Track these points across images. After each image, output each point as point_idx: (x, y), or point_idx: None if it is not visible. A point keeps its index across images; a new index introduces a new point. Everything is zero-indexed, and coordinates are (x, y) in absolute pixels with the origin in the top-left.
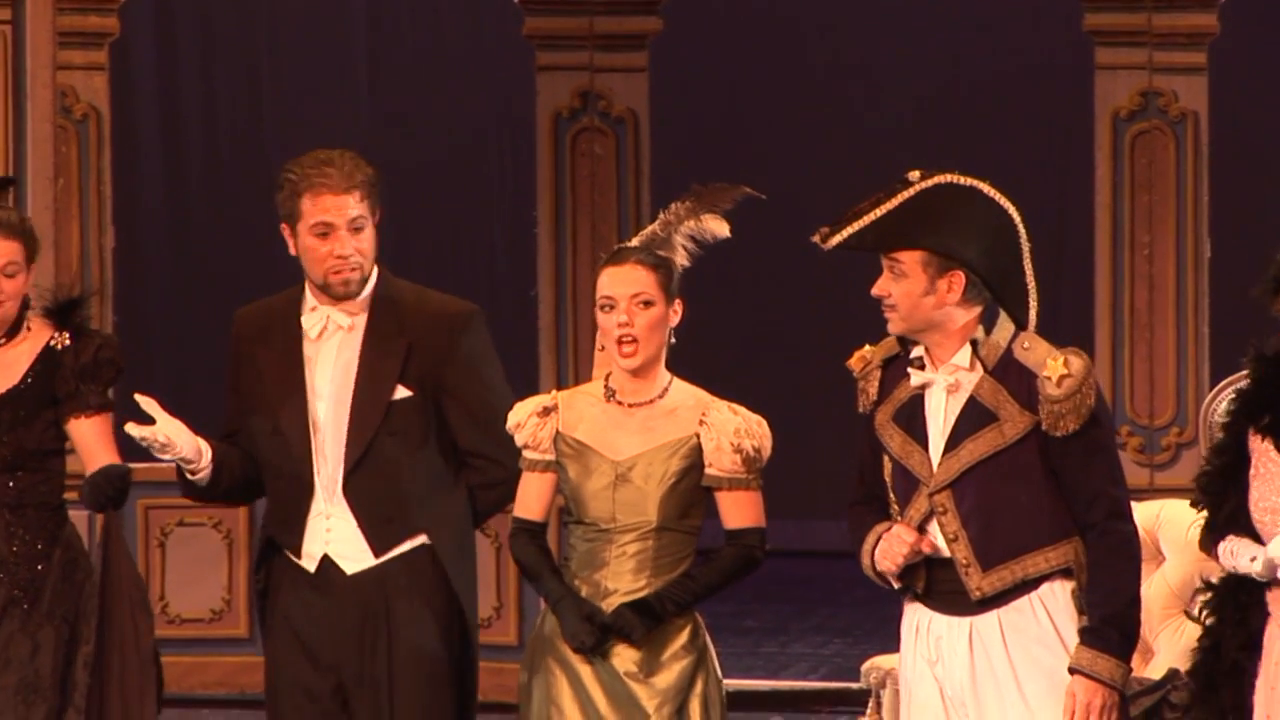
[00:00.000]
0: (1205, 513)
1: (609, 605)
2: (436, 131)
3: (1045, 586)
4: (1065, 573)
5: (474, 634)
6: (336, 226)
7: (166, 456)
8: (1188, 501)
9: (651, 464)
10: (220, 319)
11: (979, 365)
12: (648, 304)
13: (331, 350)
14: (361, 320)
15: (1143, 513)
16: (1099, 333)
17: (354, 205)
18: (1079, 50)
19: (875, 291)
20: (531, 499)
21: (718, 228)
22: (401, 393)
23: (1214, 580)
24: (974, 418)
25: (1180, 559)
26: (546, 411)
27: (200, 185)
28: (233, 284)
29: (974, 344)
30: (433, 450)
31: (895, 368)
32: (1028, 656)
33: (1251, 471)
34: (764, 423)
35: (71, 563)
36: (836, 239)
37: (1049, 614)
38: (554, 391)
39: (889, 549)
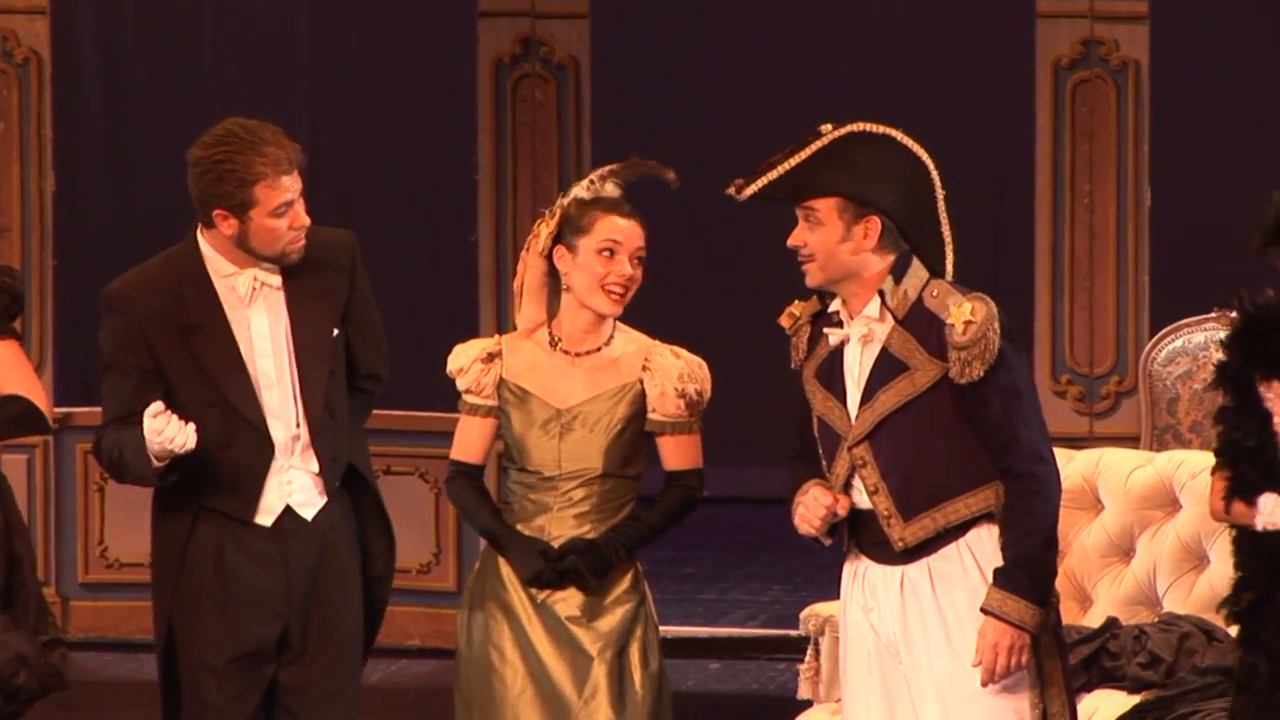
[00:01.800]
0: (1227, 476)
1: None
2: (376, 77)
3: (972, 533)
4: (990, 517)
5: (388, 550)
6: (293, 202)
7: (174, 443)
8: (1128, 450)
9: (596, 412)
10: None
11: (889, 315)
12: (640, 261)
13: (260, 309)
14: (276, 272)
15: (1082, 461)
16: (1039, 282)
17: (298, 177)
18: None
19: (791, 242)
20: (472, 442)
21: (612, 191)
22: (334, 333)
23: (1261, 527)
24: (886, 369)
25: (1119, 507)
26: (491, 357)
27: (141, 129)
28: (173, 228)
29: (881, 294)
30: (345, 378)
31: (820, 324)
32: (955, 604)
33: (1278, 420)
34: (704, 365)
35: None
36: (751, 189)
37: (976, 560)
38: (496, 336)
39: (805, 513)
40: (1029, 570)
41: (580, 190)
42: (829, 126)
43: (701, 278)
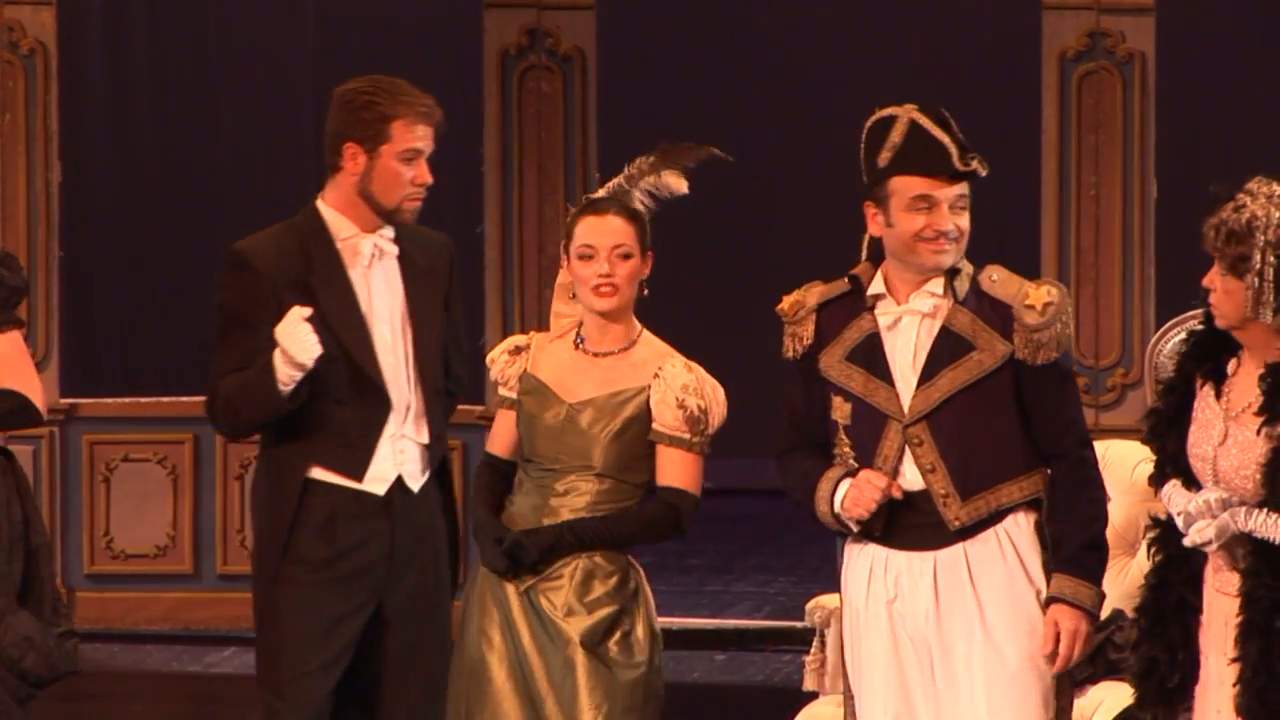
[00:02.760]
0: (1152, 452)
1: None
2: (382, 67)
3: (1010, 519)
4: (1029, 505)
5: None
6: (423, 154)
7: (307, 354)
8: (1134, 442)
9: (601, 409)
10: (166, 255)
11: (951, 295)
12: (626, 256)
13: (380, 276)
14: (393, 246)
15: None
16: (1045, 273)
17: (433, 136)
18: None
19: (946, 227)
20: (499, 434)
21: (676, 184)
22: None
23: (1162, 518)
24: (950, 348)
25: (1124, 500)
26: (518, 350)
27: (146, 120)
28: (179, 220)
29: (951, 273)
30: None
31: (834, 309)
32: (993, 588)
33: (1192, 414)
34: (719, 389)
35: None
36: (977, 163)
37: (1014, 545)
38: (532, 333)
39: (860, 495)
40: (1097, 555)
41: (640, 195)
42: (911, 106)
43: (709, 268)
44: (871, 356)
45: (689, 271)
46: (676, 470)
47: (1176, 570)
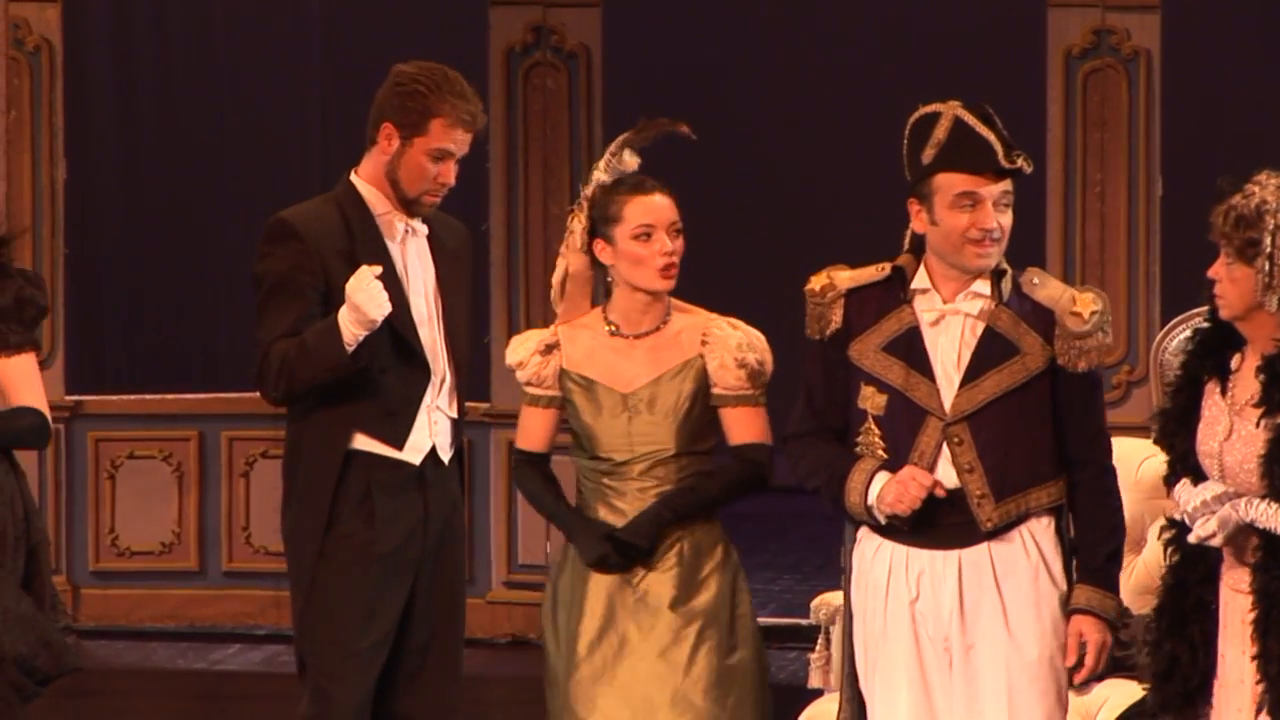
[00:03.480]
0: (1163, 453)
1: None
2: (388, 64)
3: (1033, 520)
4: (1050, 509)
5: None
6: (453, 157)
7: (379, 310)
8: (1139, 439)
9: (662, 392)
10: (172, 252)
11: (997, 295)
12: (680, 231)
13: (412, 252)
14: (423, 228)
15: None
16: (1050, 271)
17: (469, 141)
18: None
19: (990, 225)
20: (534, 431)
21: (630, 162)
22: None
23: (1176, 517)
24: (994, 349)
25: (1129, 497)
26: (549, 349)
27: (152, 117)
28: (184, 217)
29: (997, 274)
30: None
31: (865, 296)
32: (1017, 588)
33: (1201, 411)
34: (762, 337)
35: None
36: (1023, 160)
37: (1038, 546)
38: (553, 327)
39: (905, 492)
40: (1118, 566)
41: (601, 173)
42: (957, 103)
43: (714, 260)
44: (912, 350)
45: (700, 264)
46: (747, 426)
47: (1193, 569)
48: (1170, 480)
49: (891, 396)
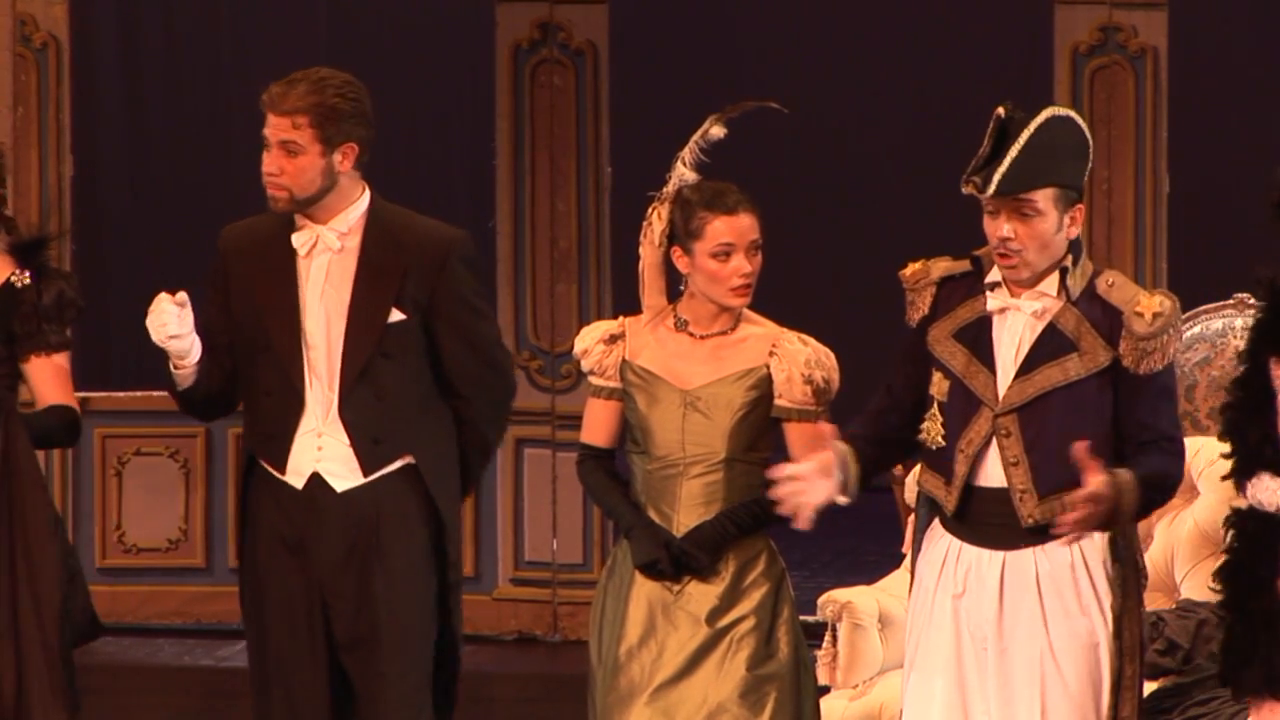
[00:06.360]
0: (1231, 447)
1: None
2: (394, 62)
3: (1086, 537)
4: None
5: (456, 552)
6: (270, 142)
7: (174, 338)
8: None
9: (720, 394)
10: (179, 249)
11: (1064, 294)
12: (759, 249)
13: (321, 269)
14: (354, 242)
15: None
16: None
17: (287, 128)
18: None
19: (1004, 235)
20: (598, 425)
21: (716, 131)
22: (395, 316)
23: (1242, 508)
24: (1053, 345)
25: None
26: (613, 339)
27: (159, 114)
28: (191, 214)
29: (1064, 273)
30: (424, 374)
31: (954, 286)
32: (1059, 601)
33: (1276, 401)
34: (832, 355)
35: None
36: (993, 186)
37: (1084, 558)
38: (621, 318)
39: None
40: (1159, 489)
41: (685, 169)
42: (1009, 107)
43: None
44: (978, 339)
45: None
46: (808, 441)
47: (1251, 553)
48: (1241, 475)
49: (953, 383)
